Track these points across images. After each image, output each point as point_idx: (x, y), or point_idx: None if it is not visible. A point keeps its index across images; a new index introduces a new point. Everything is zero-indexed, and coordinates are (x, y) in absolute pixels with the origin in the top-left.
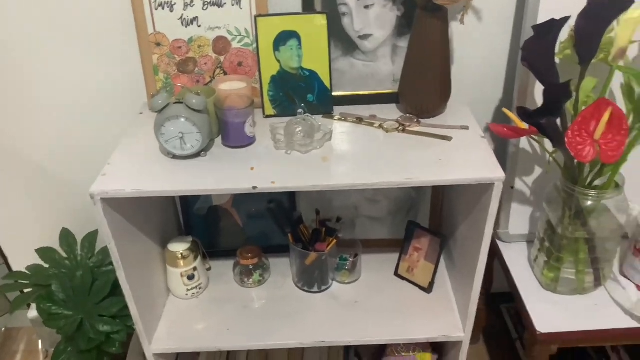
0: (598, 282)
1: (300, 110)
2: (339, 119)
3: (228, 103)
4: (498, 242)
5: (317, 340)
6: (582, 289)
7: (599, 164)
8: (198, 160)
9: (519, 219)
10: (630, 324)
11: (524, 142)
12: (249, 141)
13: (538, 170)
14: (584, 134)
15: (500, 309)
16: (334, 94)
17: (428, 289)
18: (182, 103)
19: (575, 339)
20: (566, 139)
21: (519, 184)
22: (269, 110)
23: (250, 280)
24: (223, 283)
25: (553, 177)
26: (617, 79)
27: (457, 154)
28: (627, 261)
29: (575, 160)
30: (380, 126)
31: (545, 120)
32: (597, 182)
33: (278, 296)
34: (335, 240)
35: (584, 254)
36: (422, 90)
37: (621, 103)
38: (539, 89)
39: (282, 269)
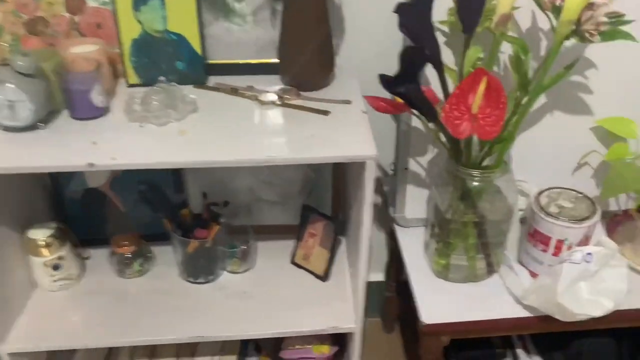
0: (491, 268)
1: (161, 78)
2: (212, 90)
3: (71, 68)
4: (396, 226)
5: (194, 336)
6: (474, 276)
7: (489, 143)
8: (35, 134)
9: (415, 202)
10: (522, 313)
11: (416, 120)
12: (98, 112)
13: (433, 150)
14: (461, 107)
15: None
16: (209, 62)
17: (323, 277)
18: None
19: (464, 330)
20: (443, 114)
21: (413, 165)
22: (133, 78)
23: (130, 270)
24: (100, 274)
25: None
26: (508, 49)
27: (332, 130)
28: (522, 247)
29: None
30: (257, 98)
31: (403, 88)
32: (487, 162)
33: (159, 288)
34: (218, 227)
35: (474, 239)
36: (301, 61)
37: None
38: None
39: (168, 258)
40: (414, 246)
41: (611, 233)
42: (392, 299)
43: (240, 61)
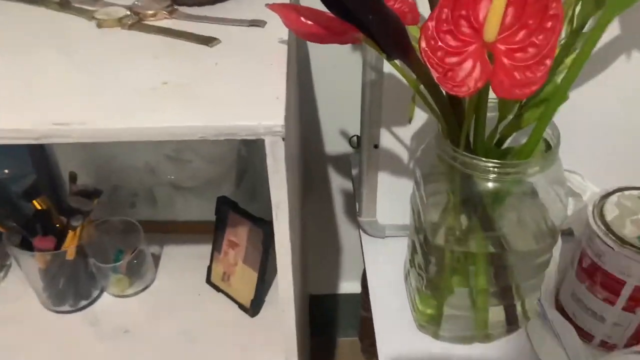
0: (514, 323)
1: None
2: (25, 2)
3: None
4: (363, 235)
5: None
6: (484, 335)
7: (516, 104)
8: None
9: (393, 199)
10: None
11: (389, 67)
12: None
13: (423, 117)
14: (462, 28)
15: None
16: None
17: (250, 310)
18: None
19: None
20: (423, 43)
21: (387, 141)
22: None
23: None
24: None
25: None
26: None
27: (208, 73)
28: (565, 283)
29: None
30: (93, 17)
31: None
32: (510, 144)
33: (9, 315)
34: (78, 231)
35: (485, 281)
36: None
37: None
38: None
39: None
40: (388, 270)
41: None
42: (369, 320)
43: None
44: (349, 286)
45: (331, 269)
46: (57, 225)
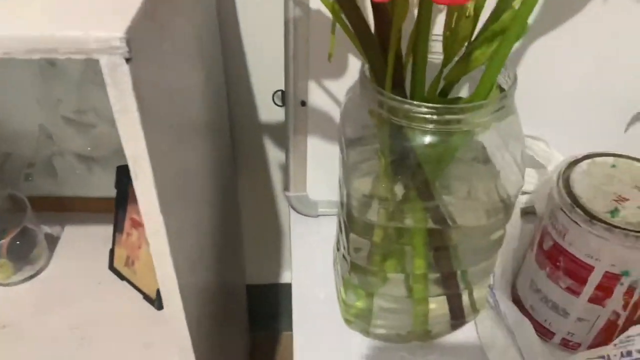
0: (459, 317)
1: None
2: None
3: None
4: (292, 213)
5: None
6: (424, 333)
7: (460, 41)
8: None
9: (327, 169)
10: None
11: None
12: None
13: (356, 64)
14: None
15: None
16: None
17: (156, 302)
18: None
19: None
20: None
21: (318, 97)
22: None
23: None
24: None
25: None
26: None
27: None
28: (523, 271)
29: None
30: None
31: None
32: (456, 93)
33: None
34: None
35: (424, 265)
36: None
37: None
38: None
39: None
40: (318, 255)
41: None
42: None
43: None
44: (290, 276)
45: (271, 256)
46: None
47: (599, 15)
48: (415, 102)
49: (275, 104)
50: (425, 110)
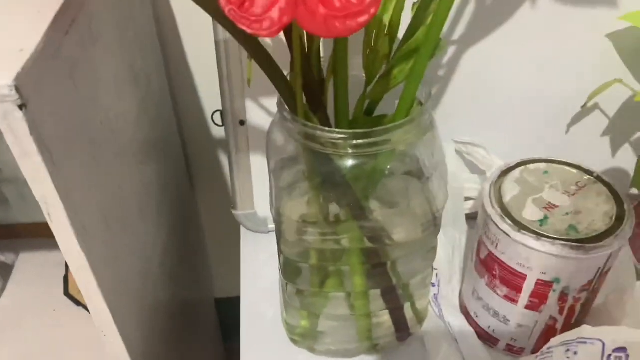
0: (404, 329)
1: None
2: None
3: None
4: (242, 230)
5: None
6: (371, 347)
7: (379, 61)
8: None
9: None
10: None
11: None
12: None
13: None
14: None
15: None
16: None
17: None
18: None
19: None
20: None
21: (256, 115)
22: None
23: None
24: None
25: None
26: None
27: None
28: (466, 280)
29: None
30: None
31: None
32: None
33: None
34: None
35: (363, 282)
36: None
37: None
38: None
39: None
40: (266, 272)
41: None
42: None
43: None
44: None
45: (237, 269)
46: None
47: (533, 19)
48: (327, 129)
49: (215, 124)
50: (341, 136)
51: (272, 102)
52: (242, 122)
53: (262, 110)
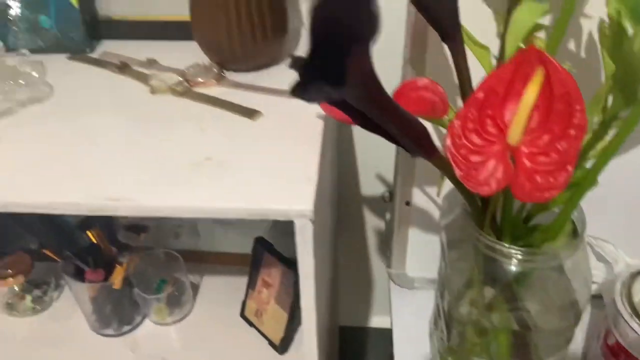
0: None
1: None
2: (93, 64)
3: None
4: (392, 285)
5: None
6: None
7: None
8: None
9: (423, 253)
10: None
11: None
12: None
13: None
14: (488, 128)
15: None
16: (100, 17)
17: (279, 348)
18: None
19: None
20: (448, 141)
21: (419, 199)
22: None
23: (20, 307)
24: None
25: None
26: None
27: (248, 149)
28: (591, 355)
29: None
30: (148, 82)
31: (316, 88)
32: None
33: (55, 335)
34: (125, 265)
35: (506, 355)
36: (221, 20)
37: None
38: None
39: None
40: (413, 323)
41: None
42: None
43: (152, 17)
44: (380, 320)
45: (362, 302)
46: (108, 254)
47: None
48: (506, 245)
49: (384, 201)
50: (514, 251)
51: (433, 190)
52: (408, 203)
53: (425, 196)
